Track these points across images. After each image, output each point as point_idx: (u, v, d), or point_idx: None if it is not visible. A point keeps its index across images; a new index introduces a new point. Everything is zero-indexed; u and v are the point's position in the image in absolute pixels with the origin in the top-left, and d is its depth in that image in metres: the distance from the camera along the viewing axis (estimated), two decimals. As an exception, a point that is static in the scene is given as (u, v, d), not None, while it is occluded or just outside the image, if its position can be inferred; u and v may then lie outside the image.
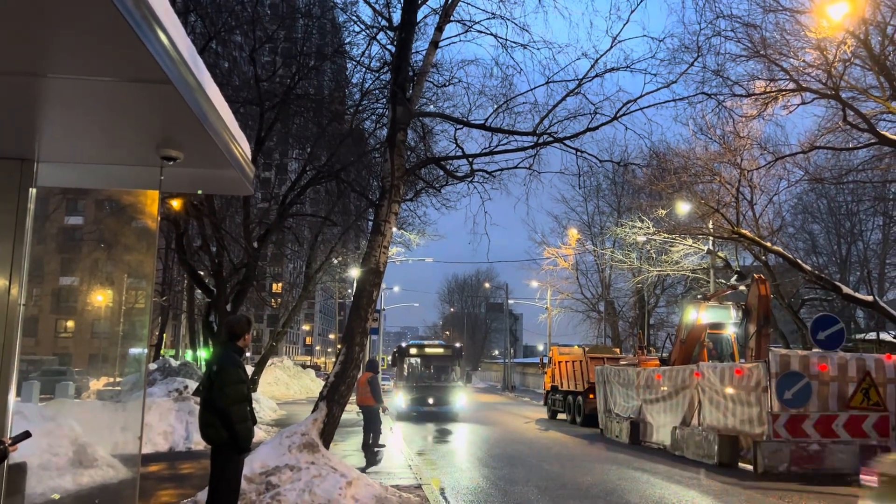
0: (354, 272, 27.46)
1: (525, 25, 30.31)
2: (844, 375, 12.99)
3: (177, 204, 17.55)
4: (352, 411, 17.00)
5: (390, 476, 11.17)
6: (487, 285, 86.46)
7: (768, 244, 20.76)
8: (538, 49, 17.60)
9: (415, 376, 26.36)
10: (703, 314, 17.98)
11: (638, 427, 17.79)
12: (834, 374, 12.96)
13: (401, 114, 11.34)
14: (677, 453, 15.21)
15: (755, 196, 21.10)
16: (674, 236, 24.88)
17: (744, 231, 20.21)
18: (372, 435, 14.30)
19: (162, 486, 9.93)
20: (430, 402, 24.75)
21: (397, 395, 25.49)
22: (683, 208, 23.09)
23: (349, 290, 39.86)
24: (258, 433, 11.94)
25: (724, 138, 19.42)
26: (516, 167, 13.78)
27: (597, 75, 12.36)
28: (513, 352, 65.51)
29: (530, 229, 77.72)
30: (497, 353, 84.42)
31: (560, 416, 26.37)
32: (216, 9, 18.28)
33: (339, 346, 14.13)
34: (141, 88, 3.03)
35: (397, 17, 12.30)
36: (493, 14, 12.72)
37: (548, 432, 21.43)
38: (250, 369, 23.97)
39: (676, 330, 20.22)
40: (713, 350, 19.88)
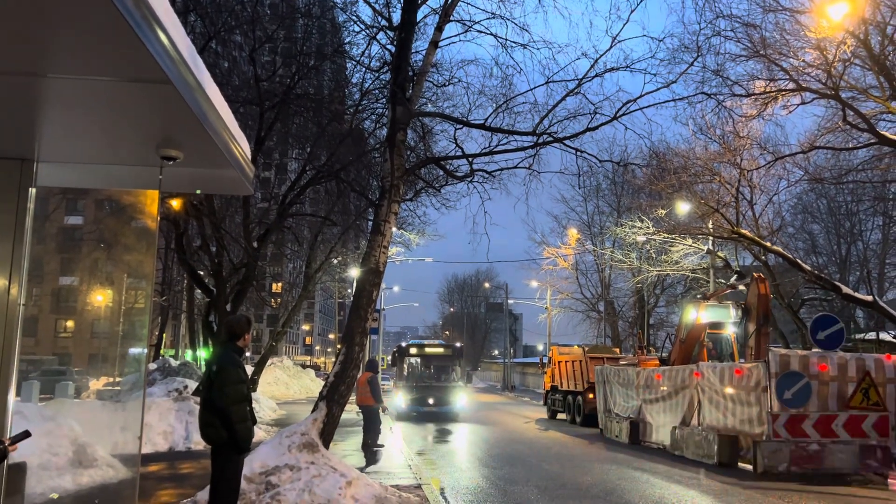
0: (354, 272, 27.46)
1: (525, 25, 30.37)
2: (844, 375, 12.99)
3: (176, 204, 17.55)
4: (351, 411, 17.01)
5: (390, 476, 11.17)
6: (487, 285, 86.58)
7: (768, 244, 20.75)
8: (538, 49, 17.59)
9: (415, 376, 26.14)
10: (702, 313, 17.97)
11: (638, 427, 17.79)
12: (834, 374, 12.95)
13: (400, 114, 11.34)
14: (677, 453, 15.21)
15: (755, 196, 21.11)
16: (673, 236, 24.88)
17: (743, 231, 20.21)
18: (371, 434, 14.32)
19: (162, 485, 9.93)
20: (431, 402, 24.55)
21: (397, 396, 25.30)
22: (683, 208, 23.09)
23: (349, 290, 39.88)
24: (258, 433, 11.94)
25: (724, 138, 19.43)
26: (516, 167, 13.78)
27: (596, 75, 12.37)
28: (512, 352, 65.54)
29: (530, 229, 77.94)
30: (497, 352, 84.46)
31: (560, 415, 26.38)
32: (216, 8, 18.27)
33: (338, 346, 14.12)
34: (141, 88, 3.03)
35: (397, 17, 12.31)
36: (492, 14, 12.74)
37: (547, 432, 21.43)
38: (250, 369, 23.96)
39: (676, 330, 20.22)
40: (713, 350, 19.90)
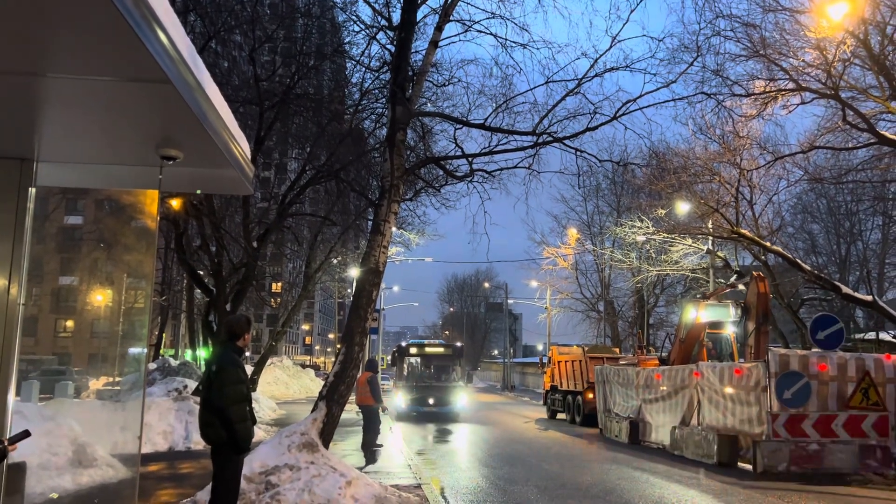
0: (354, 272, 27.45)
1: (525, 25, 30.43)
2: (844, 375, 12.99)
3: (176, 203, 17.54)
4: (351, 411, 17.00)
5: (390, 476, 11.17)
6: (487, 285, 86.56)
7: (768, 244, 20.75)
8: (538, 49, 17.58)
9: (415, 376, 25.95)
10: (702, 313, 17.97)
11: (637, 427, 17.79)
12: (833, 374, 12.96)
13: (400, 113, 11.34)
14: (676, 453, 15.21)
15: (755, 196, 21.11)
16: (673, 236, 24.87)
17: (743, 231, 20.21)
18: (371, 434, 14.33)
19: (161, 485, 9.93)
20: (431, 402, 24.36)
21: (397, 396, 25.13)
22: (683, 208, 23.09)
23: (349, 290, 39.87)
24: (258, 433, 11.93)
25: (724, 138, 19.42)
26: (516, 167, 13.77)
27: (596, 75, 12.37)
28: (512, 351, 65.55)
29: (530, 229, 77.66)
30: (496, 352, 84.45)
31: (559, 415, 26.38)
32: (216, 8, 18.26)
33: (338, 346, 14.12)
34: (140, 88, 3.03)
35: (397, 17, 12.31)
36: (492, 14, 12.73)
37: (547, 432, 21.43)
38: (250, 369, 23.94)
39: (676, 329, 20.22)
40: (712, 350, 19.91)
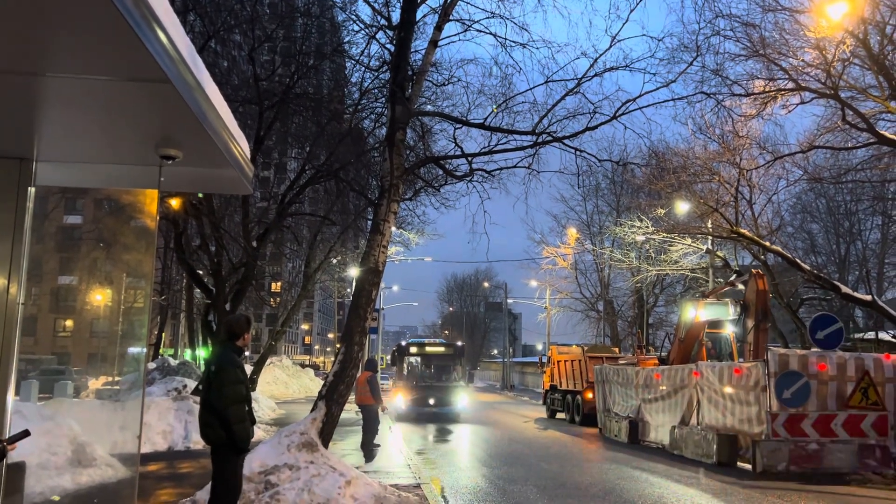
0: (353, 271, 27.45)
1: (524, 24, 30.43)
2: (843, 375, 13.00)
3: (176, 203, 17.53)
4: (351, 410, 17.00)
5: (389, 475, 11.17)
6: (486, 284, 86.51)
7: (767, 243, 20.75)
8: (537, 48, 17.55)
9: (415, 376, 25.68)
10: (701, 311, 17.97)
11: (637, 426, 17.80)
12: (833, 374, 12.96)
13: (400, 113, 11.34)
14: (676, 452, 15.22)
15: (754, 195, 21.11)
16: (673, 236, 24.87)
17: (743, 230, 20.21)
18: (370, 434, 14.32)
19: (161, 485, 9.93)
20: (431, 402, 24.10)
21: (396, 396, 24.84)
22: (682, 208, 23.09)
23: (348, 290, 39.86)
24: (257, 432, 11.92)
25: (723, 138, 19.42)
26: (515, 166, 13.76)
27: (596, 74, 12.36)
28: (512, 351, 65.60)
29: (529, 228, 77.43)
30: (496, 352, 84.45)
31: (559, 415, 26.38)
32: (215, 8, 18.26)
33: (337, 346, 14.12)
34: (140, 87, 3.02)
35: (396, 16, 12.31)
36: (492, 13, 12.73)
37: (547, 431, 21.44)
38: (249, 368, 23.94)
39: (675, 329, 20.23)
40: (712, 349, 19.92)
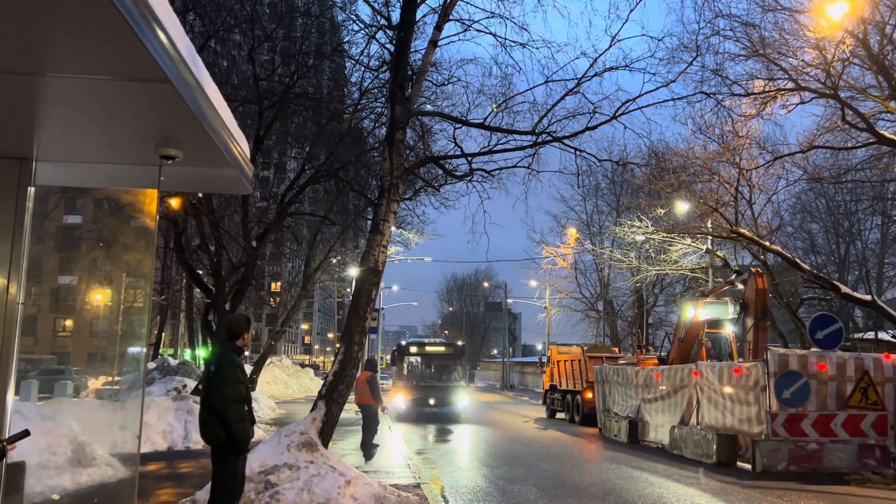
0: (353, 271, 27.45)
1: (524, 24, 30.41)
2: (843, 375, 13.01)
3: (175, 203, 17.52)
4: (351, 410, 17.00)
5: (389, 475, 11.17)
6: (486, 284, 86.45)
7: (767, 243, 20.75)
8: (537, 48, 17.57)
9: (415, 376, 25.55)
10: (700, 311, 17.97)
11: (636, 426, 17.80)
12: (832, 374, 12.97)
13: (400, 113, 11.33)
14: (676, 452, 15.22)
15: (754, 195, 21.11)
16: (672, 235, 24.87)
17: (742, 230, 20.21)
18: (370, 434, 14.32)
19: (161, 485, 9.93)
20: (431, 402, 23.98)
21: (396, 395, 24.71)
22: (682, 207, 23.09)
23: (348, 290, 39.87)
24: (257, 432, 11.91)
25: (723, 138, 19.42)
26: (515, 166, 13.74)
27: (596, 74, 12.35)
28: (511, 351, 65.59)
29: (529, 228, 77.43)
30: (496, 352, 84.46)
31: (559, 415, 26.39)
32: (215, 7, 18.25)
33: (337, 346, 14.12)
34: (140, 87, 3.02)
35: (396, 16, 12.30)
36: (492, 13, 12.72)
37: (546, 431, 21.44)
38: (249, 368, 23.93)
39: (675, 329, 20.23)
40: (711, 349, 19.91)
